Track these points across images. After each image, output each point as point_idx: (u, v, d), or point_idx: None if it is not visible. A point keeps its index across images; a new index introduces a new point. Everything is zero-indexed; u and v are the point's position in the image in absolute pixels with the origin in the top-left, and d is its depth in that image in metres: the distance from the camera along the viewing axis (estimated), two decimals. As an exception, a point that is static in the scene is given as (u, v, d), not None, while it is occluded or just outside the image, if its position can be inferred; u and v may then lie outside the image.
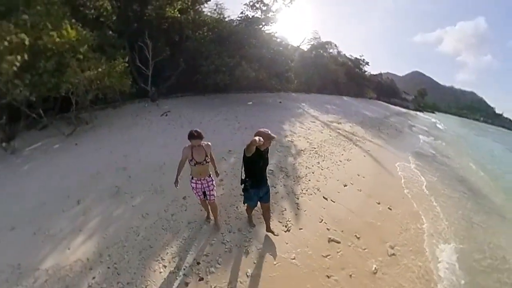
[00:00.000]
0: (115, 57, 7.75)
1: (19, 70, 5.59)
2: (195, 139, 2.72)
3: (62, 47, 6.30)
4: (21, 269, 2.84)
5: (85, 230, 3.38)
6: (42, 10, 6.32)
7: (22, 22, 5.91)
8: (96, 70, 6.74)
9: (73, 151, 6.23)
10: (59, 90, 6.40)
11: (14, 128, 7.56)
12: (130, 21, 9.99)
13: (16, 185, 5.01)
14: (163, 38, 10.19)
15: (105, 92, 7.52)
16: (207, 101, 11.44)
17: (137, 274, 2.61)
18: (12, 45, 5.36)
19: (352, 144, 7.15)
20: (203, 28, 11.08)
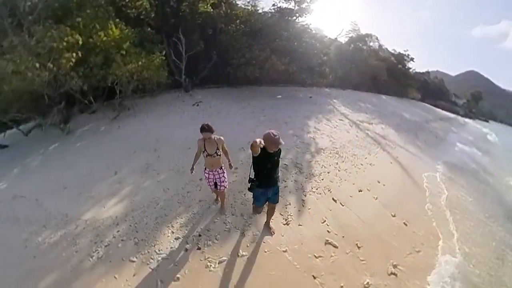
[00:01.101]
0: (153, 52, 8.85)
1: (74, 64, 7.09)
2: (205, 132, 3.00)
3: (108, 44, 7.65)
4: (67, 218, 3.91)
5: (118, 195, 4.33)
6: (91, 13, 7.74)
7: (76, 24, 7.33)
8: (137, 64, 7.92)
9: (116, 133, 7.56)
10: (106, 81, 7.83)
11: (70, 112, 9.53)
12: (167, 18, 10.94)
13: (71, 158, 6.54)
14: (198, 32, 10.95)
15: (144, 83, 8.77)
16: (237, 93, 11.98)
17: (150, 234, 3.31)
18: (68, 44, 6.82)
19: (380, 148, 6.72)
20: (236, 22, 11.40)
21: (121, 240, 3.29)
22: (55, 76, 7.18)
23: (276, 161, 2.80)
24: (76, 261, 3.08)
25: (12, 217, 4.49)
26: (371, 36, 22.12)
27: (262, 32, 11.02)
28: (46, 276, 2.94)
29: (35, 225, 4.03)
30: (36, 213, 4.38)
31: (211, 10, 10.77)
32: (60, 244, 3.42)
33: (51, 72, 6.93)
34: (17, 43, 6.73)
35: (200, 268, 2.81)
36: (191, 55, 10.68)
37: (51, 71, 6.92)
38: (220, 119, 8.40)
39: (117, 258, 3.02)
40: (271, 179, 2.88)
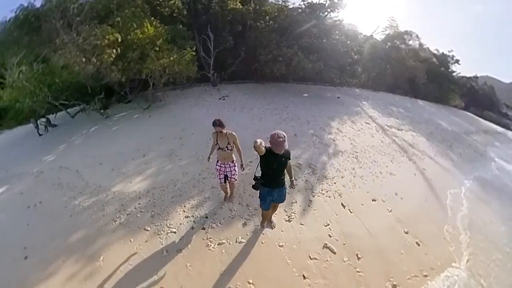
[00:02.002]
0: (185, 47, 9.56)
1: (114, 59, 8.11)
2: (216, 127, 3.23)
3: (144, 41, 8.56)
4: (100, 188, 4.72)
5: (143, 174, 5.03)
6: (129, 13, 8.66)
7: (116, 24, 8.33)
8: (169, 59, 8.74)
9: (147, 121, 8.53)
10: (141, 74, 8.82)
11: (109, 101, 11.00)
12: (198, 15, 11.54)
13: (107, 139, 7.63)
14: (227, 28, 11.35)
15: (175, 76, 9.58)
16: (264, 89, 12.18)
17: (165, 210, 3.87)
18: (110, 41, 7.82)
19: (406, 157, 6.28)
20: (265, 18, 11.51)
21: (140, 211, 3.93)
22: (98, 69, 8.34)
23: (282, 163, 2.74)
24: (102, 223, 3.80)
25: (57, 183, 5.53)
26: (411, 34, 19.82)
27: (290, 28, 10.95)
28: (77, 232, 3.70)
29: (74, 191, 4.94)
30: (76, 181, 5.32)
31: (240, 6, 11.11)
32: (92, 208, 4.22)
33: (94, 66, 8.08)
34: (67, 41, 8.04)
35: (201, 246, 3.18)
36: (220, 50, 11.14)
37: (95, 65, 8.06)
38: (243, 114, 8.74)
39: (135, 226, 3.62)
40: (277, 180, 2.85)
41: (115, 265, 3.01)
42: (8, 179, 6.62)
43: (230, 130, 3.36)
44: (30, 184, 5.91)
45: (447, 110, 18.42)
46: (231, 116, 8.64)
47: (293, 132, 6.89)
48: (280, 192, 2.97)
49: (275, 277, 2.84)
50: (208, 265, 2.95)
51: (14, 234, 4.10)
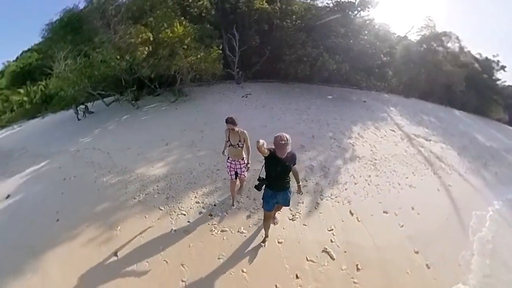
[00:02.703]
0: (212, 46, 10.06)
1: (146, 56, 8.93)
2: (228, 124, 3.34)
3: (173, 40, 9.25)
4: (126, 169, 5.36)
5: (164, 160, 5.60)
6: (161, 13, 9.40)
7: (148, 23, 9.11)
8: (196, 57, 9.30)
9: (173, 113, 9.28)
10: (170, 70, 9.50)
11: (140, 93, 12.13)
12: (226, 14, 11.91)
13: (136, 127, 8.49)
14: (254, 28, 11.57)
15: (201, 73, 10.17)
16: (287, 89, 12.23)
17: (179, 194, 4.32)
18: (142, 40, 8.58)
19: (430, 170, 5.85)
20: (291, 17, 11.44)
21: (157, 192, 4.42)
22: (131, 65, 9.39)
23: (286, 167, 2.68)
24: (124, 199, 4.39)
25: (90, 161, 6.36)
26: (450, 35, 17.51)
27: (317, 28, 10.77)
28: (102, 204, 4.37)
29: (103, 169, 5.66)
30: (106, 162, 6.08)
31: (266, 6, 11.26)
32: (117, 185, 4.87)
33: (128, 62, 9.12)
34: (105, 40, 9.12)
35: (206, 231, 3.49)
36: (246, 49, 11.43)
37: (128, 61, 9.10)
38: (264, 112, 8.93)
39: (151, 205, 4.10)
40: (280, 183, 2.80)
41: (130, 236, 3.48)
42: (50, 155, 7.79)
43: (245, 128, 3.47)
44: (68, 161, 6.88)
45: (487, 123, 16.50)
46: (251, 113, 8.91)
47: (311, 133, 6.91)
48: (285, 196, 2.91)
49: (269, 271, 2.96)
50: (208, 249, 3.22)
51: (50, 200, 4.94)
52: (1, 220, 4.74)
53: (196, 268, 2.99)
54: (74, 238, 3.68)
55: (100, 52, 9.19)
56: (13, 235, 4.17)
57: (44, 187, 5.68)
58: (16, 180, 6.46)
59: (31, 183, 6.16)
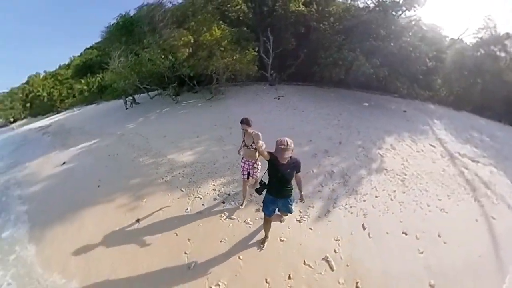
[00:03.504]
0: (247, 48, 10.58)
1: (186, 57, 9.99)
2: (242, 124, 3.43)
3: (211, 42, 10.05)
4: (159, 153, 6.33)
5: (193, 150, 6.37)
6: (201, 18, 10.29)
7: (190, 27, 10.05)
8: (232, 58, 9.95)
9: (208, 109, 10.20)
10: (207, 70, 10.35)
11: (180, 89, 13.44)
12: (263, 17, 12.20)
13: (174, 119, 9.60)
14: (290, 30, 11.63)
15: (236, 74, 10.84)
16: (322, 93, 12.04)
17: (200, 180, 4.93)
18: (184, 42, 9.56)
19: (471, 195, 5.08)
20: (329, 19, 11.13)
21: (182, 176, 5.15)
22: (173, 64, 10.52)
23: (288, 173, 2.61)
24: (154, 177, 5.25)
25: (132, 144, 7.54)
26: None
27: (356, 30, 10.24)
28: (135, 179, 5.35)
29: (141, 151, 6.74)
30: (144, 145, 7.15)
31: (302, 8, 11.26)
32: (150, 166, 5.84)
33: (170, 62, 10.29)
34: (152, 41, 10.47)
35: (216, 215, 3.90)
36: (282, 52, 11.59)
37: (170, 61, 10.26)
38: (294, 115, 9.03)
39: (174, 185, 4.80)
40: (281, 190, 2.74)
41: (152, 209, 4.18)
42: (101, 135, 9.37)
43: (273, 129, 3.68)
44: (114, 141, 8.27)
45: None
46: (281, 115, 9.09)
47: (338, 139, 6.78)
48: (286, 204, 2.85)
49: (263, 264, 3.09)
50: (214, 231, 3.59)
51: (95, 171, 6.21)
52: (56, 180, 6.28)
53: (199, 245, 3.39)
54: (109, 202, 4.62)
55: (147, 52, 10.70)
56: (63, 192, 5.47)
57: (92, 159, 7.06)
58: (72, 152, 8.14)
59: (83, 155, 7.65)
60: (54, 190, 5.84)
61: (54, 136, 12.32)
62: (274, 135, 3.59)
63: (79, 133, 10.87)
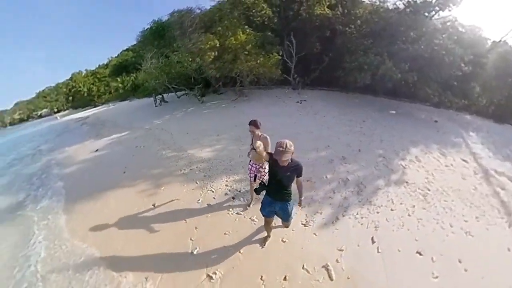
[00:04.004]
0: (271, 52, 10.76)
1: (213, 60, 10.62)
2: (250, 126, 3.36)
3: (236, 46, 10.39)
4: (181, 148, 7.10)
5: (212, 147, 6.81)
6: (227, 23, 10.73)
7: (216, 32, 10.54)
8: (255, 62, 10.24)
9: (230, 110, 10.76)
10: (232, 72, 10.81)
11: (206, 90, 14.35)
12: (288, 22, 12.24)
13: (198, 118, 10.30)
14: (316, 34, 11.52)
15: (259, 77, 11.14)
16: (345, 99, 11.70)
17: (214, 175, 5.29)
18: (210, 46, 10.06)
19: (505, 221, 4.42)
20: (355, 22, 10.73)
21: (199, 170, 5.61)
22: (200, 66, 11.25)
23: (287, 177, 2.54)
24: (173, 169, 5.81)
25: (157, 138, 8.31)
26: None
27: (384, 32, 9.70)
28: (157, 169, 6.02)
29: (165, 145, 7.41)
30: (168, 140, 7.86)
31: (327, 12, 11.09)
32: (171, 158, 6.48)
33: (197, 64, 11.01)
34: (181, 45, 11.22)
35: (224, 209, 4.15)
36: (307, 56, 11.55)
37: (198, 63, 10.99)
38: (314, 119, 8.96)
39: (191, 178, 5.27)
40: (279, 193, 2.67)
41: (169, 197, 4.62)
42: (131, 128, 10.47)
43: (291, 132, 3.67)
44: (142, 134, 9.20)
45: None
46: (301, 119, 9.07)
47: (358, 147, 6.56)
48: (283, 208, 2.75)
49: (261, 261, 3.13)
50: (220, 224, 3.81)
51: (123, 159, 7.10)
52: (89, 164, 7.41)
53: (204, 234, 3.64)
54: (131, 187, 5.30)
55: (177, 55, 11.67)
56: (94, 175, 6.48)
57: (121, 149, 8.00)
58: (104, 141, 9.31)
59: (113, 144, 8.70)
60: (86, 172, 6.87)
61: (90, 127, 14.11)
62: (291, 138, 3.63)
63: (112, 126, 12.32)
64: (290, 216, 2.87)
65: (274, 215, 2.93)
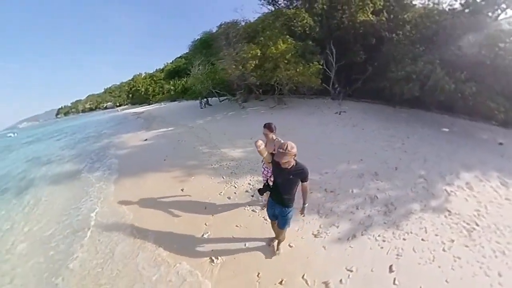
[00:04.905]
0: (312, 61, 10.63)
1: (254, 68, 11.17)
2: (264, 129, 3.31)
3: (276, 55, 10.58)
4: (215, 146, 8.16)
5: (243, 149, 7.49)
6: (269, 34, 10.97)
7: (258, 42, 10.92)
8: (295, 70, 10.28)
9: (268, 117, 11.34)
10: (271, 80, 11.16)
11: (247, 97, 15.34)
12: (331, 30, 11.81)
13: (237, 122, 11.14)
14: (359, 42, 10.89)
15: (298, 86, 11.19)
16: (391, 113, 10.69)
17: (240, 173, 5.76)
18: (252, 55, 10.57)
19: None
20: (404, 28, 9.58)
21: (227, 167, 6.16)
22: (243, 74, 11.83)
23: (289, 180, 2.43)
24: (206, 163, 6.66)
25: (197, 135, 9.49)
26: None
27: (436, 38, 8.45)
28: (191, 161, 6.93)
29: (202, 142, 8.54)
30: (206, 138, 8.88)
31: (371, 18, 10.33)
32: (205, 154, 7.40)
33: (240, 71, 11.62)
34: (226, 54, 12.04)
35: (241, 204, 4.43)
36: (348, 65, 11.10)
37: (240, 71, 11.59)
38: (351, 132, 8.53)
39: (219, 173, 5.88)
40: (279, 196, 2.58)
41: (196, 186, 5.35)
42: (176, 125, 12.08)
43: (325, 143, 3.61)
44: (184, 131, 10.58)
45: None
46: (337, 130, 8.73)
47: (395, 164, 5.93)
48: (282, 213, 2.63)
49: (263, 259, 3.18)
50: (235, 217, 4.08)
51: (165, 149, 8.35)
52: (138, 149, 8.97)
53: (218, 222, 4.01)
54: (167, 172, 6.32)
55: (221, 63, 12.52)
56: (140, 158, 7.96)
57: (165, 141, 9.48)
58: (153, 133, 11.08)
59: (159, 136, 10.28)
60: (135, 155, 8.37)
61: (144, 120, 17.12)
62: (323, 148, 3.68)
63: (161, 121, 14.69)
64: (286, 223, 2.73)
65: (276, 218, 2.85)
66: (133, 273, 3.23)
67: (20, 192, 7.24)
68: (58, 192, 6.52)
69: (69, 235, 4.36)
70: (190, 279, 3.02)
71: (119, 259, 3.53)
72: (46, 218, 5.18)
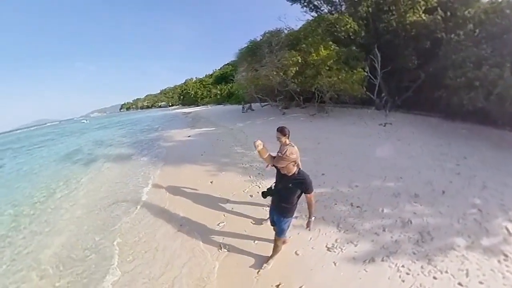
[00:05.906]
0: (356, 68, 9.89)
1: (295, 74, 10.89)
2: (276, 132, 3.24)
3: (318, 62, 10.16)
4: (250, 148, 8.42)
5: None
6: (311, 41, 10.55)
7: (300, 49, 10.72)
8: (336, 77, 9.74)
9: (306, 124, 11.33)
10: (312, 87, 10.75)
11: (289, 103, 15.57)
12: (378, 34, 10.57)
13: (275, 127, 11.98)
14: (411, 46, 9.37)
15: (339, 93, 10.65)
16: (447, 127, 9.13)
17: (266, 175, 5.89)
18: (293, 61, 10.54)
19: None
20: (465, 26, 7.79)
21: (256, 168, 6.62)
22: (284, 80, 12.01)
23: (286, 188, 2.30)
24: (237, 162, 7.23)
25: (234, 136, 10.23)
26: None
27: (508, 36, 6.67)
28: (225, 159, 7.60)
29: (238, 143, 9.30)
30: (242, 139, 9.74)
31: (422, 18, 8.77)
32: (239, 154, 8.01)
33: (281, 78, 11.81)
34: (268, 61, 12.31)
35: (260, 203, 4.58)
36: (398, 72, 9.91)
37: (281, 77, 11.79)
38: (394, 145, 7.77)
39: (247, 172, 6.34)
40: (277, 203, 2.48)
41: (224, 180, 5.96)
42: (218, 126, 13.25)
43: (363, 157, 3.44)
44: (224, 132, 11.52)
45: None
46: (378, 143, 8.07)
47: (443, 187, 4.97)
48: (278, 221, 2.49)
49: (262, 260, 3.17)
50: (252, 213, 4.33)
51: (204, 146, 9.48)
52: (181, 144, 10.18)
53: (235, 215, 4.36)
54: (202, 165, 7.20)
55: (264, 69, 12.82)
56: (182, 151, 9.21)
57: (206, 139, 10.60)
58: (196, 131, 12.50)
59: (201, 135, 11.49)
60: (178, 148, 9.65)
61: (191, 119, 19.84)
62: (358, 159, 3.56)
63: (205, 122, 16.66)
64: (283, 234, 2.60)
65: (275, 224, 2.73)
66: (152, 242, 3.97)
67: (88, 163, 9.81)
68: (115, 168, 8.51)
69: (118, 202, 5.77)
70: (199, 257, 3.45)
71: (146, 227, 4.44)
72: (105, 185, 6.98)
